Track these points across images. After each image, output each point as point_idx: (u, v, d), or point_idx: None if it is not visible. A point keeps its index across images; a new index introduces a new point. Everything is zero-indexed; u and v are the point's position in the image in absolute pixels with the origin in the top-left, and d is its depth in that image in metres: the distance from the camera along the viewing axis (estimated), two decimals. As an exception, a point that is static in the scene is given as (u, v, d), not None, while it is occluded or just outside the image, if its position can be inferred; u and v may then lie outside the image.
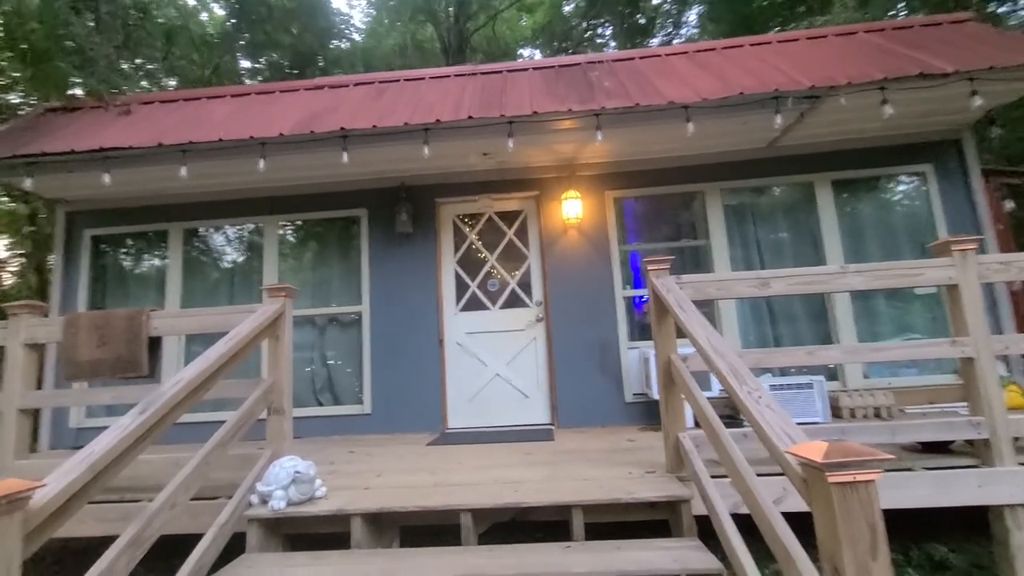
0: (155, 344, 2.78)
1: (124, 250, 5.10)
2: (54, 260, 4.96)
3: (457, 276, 4.85)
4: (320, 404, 4.75)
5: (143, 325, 2.69)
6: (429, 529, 2.46)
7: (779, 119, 3.76)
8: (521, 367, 4.67)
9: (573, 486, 2.41)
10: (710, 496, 2.10)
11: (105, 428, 1.73)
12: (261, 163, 3.95)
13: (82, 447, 1.64)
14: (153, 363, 2.72)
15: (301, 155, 4.13)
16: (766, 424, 1.44)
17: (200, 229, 5.05)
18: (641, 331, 4.68)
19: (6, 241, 8.34)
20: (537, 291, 4.77)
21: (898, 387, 4.16)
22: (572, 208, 4.59)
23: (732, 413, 3.61)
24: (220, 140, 3.92)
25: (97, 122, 4.53)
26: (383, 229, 4.82)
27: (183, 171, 3.98)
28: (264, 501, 2.30)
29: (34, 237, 7.55)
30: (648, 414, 4.42)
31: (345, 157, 3.90)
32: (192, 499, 2.49)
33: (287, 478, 2.27)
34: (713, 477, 2.21)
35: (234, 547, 2.25)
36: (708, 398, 2.28)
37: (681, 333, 2.31)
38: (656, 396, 4.12)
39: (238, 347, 2.24)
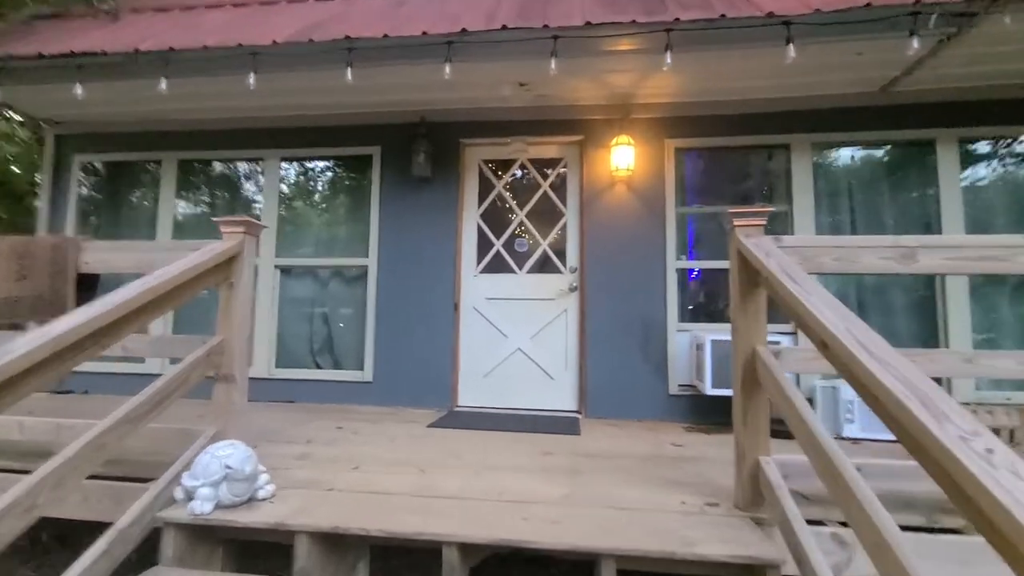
0: (89, 283, 2.21)
1: (116, 180, 4.60)
2: (40, 188, 4.52)
3: (480, 232, 4.15)
4: (318, 367, 4.22)
5: (70, 257, 2.12)
6: (408, 548, 1.85)
7: (915, 43, 2.81)
8: (547, 343, 3.98)
9: (602, 518, 1.74)
10: (810, 560, 1.39)
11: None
12: (252, 78, 3.29)
13: None
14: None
15: (301, 73, 3.44)
16: None
17: (196, 162, 4.49)
18: (694, 311, 3.89)
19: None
20: (572, 255, 4.02)
21: (1018, 404, 3.28)
22: (623, 157, 3.77)
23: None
24: (205, 48, 3.28)
25: (79, 28, 3.96)
26: (398, 172, 4.14)
27: (163, 84, 3.37)
28: (190, 498, 1.72)
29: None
30: (696, 410, 3.68)
31: (350, 75, 3.19)
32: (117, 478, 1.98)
33: (217, 472, 1.68)
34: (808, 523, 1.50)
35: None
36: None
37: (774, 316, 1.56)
38: (709, 391, 3.38)
39: (157, 293, 1.63)
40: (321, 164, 4.37)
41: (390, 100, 3.96)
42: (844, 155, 3.86)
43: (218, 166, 4.49)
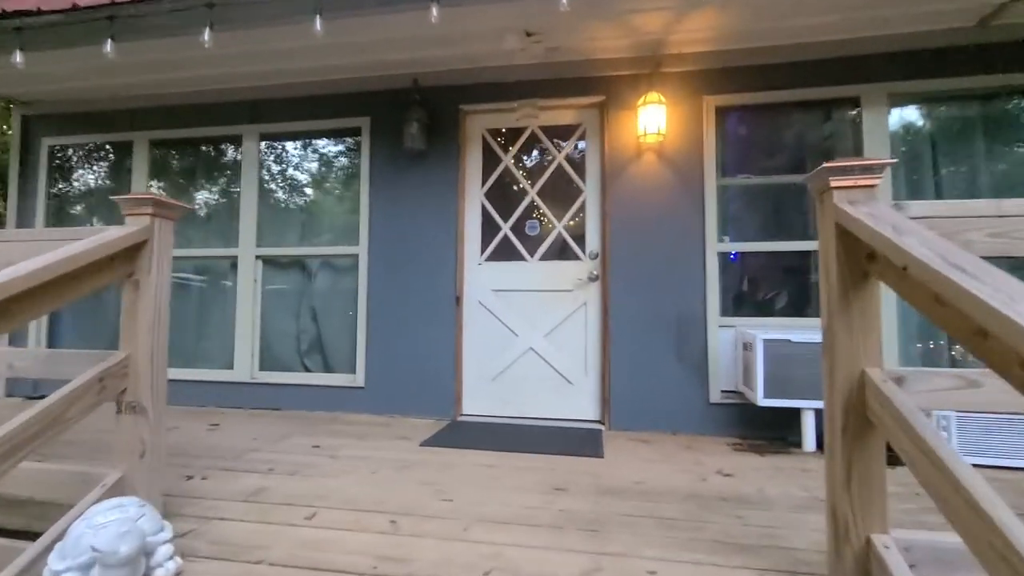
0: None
1: (88, 165, 4.19)
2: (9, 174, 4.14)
3: (485, 214, 3.59)
4: (307, 369, 3.76)
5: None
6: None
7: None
8: (564, 341, 3.42)
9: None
10: None
11: None
12: (207, 34, 2.77)
13: None
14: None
15: (266, 30, 2.91)
16: None
17: (170, 142, 4.03)
18: (739, 302, 3.26)
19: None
20: (593, 239, 3.43)
21: None
22: (652, 119, 3.13)
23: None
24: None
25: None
26: (389, 145, 3.59)
27: (109, 47, 2.88)
28: (59, 583, 1.23)
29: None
30: (743, 422, 3.08)
31: (319, 25, 2.64)
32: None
33: (85, 553, 1.19)
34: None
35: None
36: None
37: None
38: (761, 400, 2.77)
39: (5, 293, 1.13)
40: (304, 140, 3.85)
41: (377, 61, 3.40)
42: (929, 109, 3.13)
43: (195, 146, 4.02)
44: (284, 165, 3.89)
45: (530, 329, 3.46)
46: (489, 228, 3.58)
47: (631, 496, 2.01)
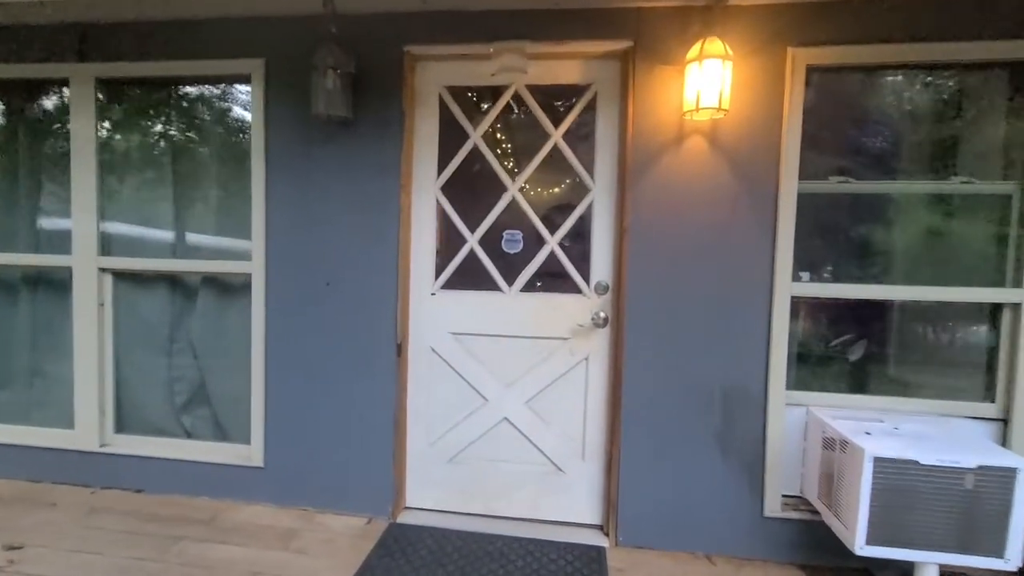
0: None
1: None
2: None
3: (442, 217, 2.40)
4: (187, 434, 2.63)
5: None
6: None
7: None
8: (554, 411, 2.35)
9: None
10: None
11: None
12: None
13: None
14: None
15: None
16: None
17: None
18: (817, 368, 2.22)
19: None
20: (601, 264, 2.29)
21: None
22: (711, 84, 1.93)
23: None
24: None
25: None
26: (296, 105, 2.32)
27: None
28: None
29: None
30: (810, 543, 2.11)
31: None
32: None
33: None
34: None
35: None
36: None
37: None
38: (860, 547, 1.76)
39: None
40: (166, 92, 2.53)
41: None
42: None
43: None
44: (137, 133, 2.57)
45: (505, 391, 2.36)
46: (449, 240, 2.41)
47: None
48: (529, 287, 2.35)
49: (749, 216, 2.11)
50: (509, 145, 2.38)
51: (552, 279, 2.35)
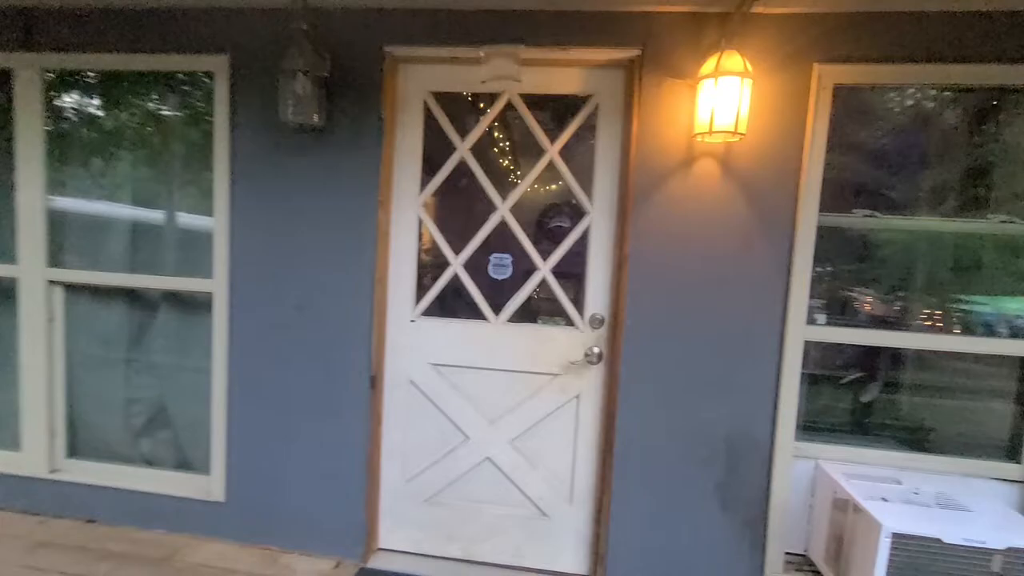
0: None
1: None
2: None
3: (424, 237, 2.19)
4: (145, 460, 2.44)
5: None
6: None
7: None
8: (541, 452, 2.17)
9: None
10: None
11: None
12: None
13: None
14: None
15: None
16: None
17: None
18: (826, 416, 2.04)
19: None
20: (597, 295, 2.09)
21: None
22: (727, 101, 1.71)
23: None
24: None
25: None
26: (265, 108, 2.09)
27: None
28: None
29: None
30: (817, 620, 1.94)
31: None
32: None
33: None
34: None
35: None
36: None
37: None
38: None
39: None
40: (121, 87, 2.29)
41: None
42: None
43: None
44: (90, 131, 2.33)
45: (488, 428, 2.17)
46: (431, 263, 2.20)
47: None
48: (517, 317, 2.15)
49: (762, 249, 1.91)
50: (500, 160, 2.16)
51: (543, 309, 2.15)
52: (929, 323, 1.94)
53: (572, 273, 2.12)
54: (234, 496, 2.25)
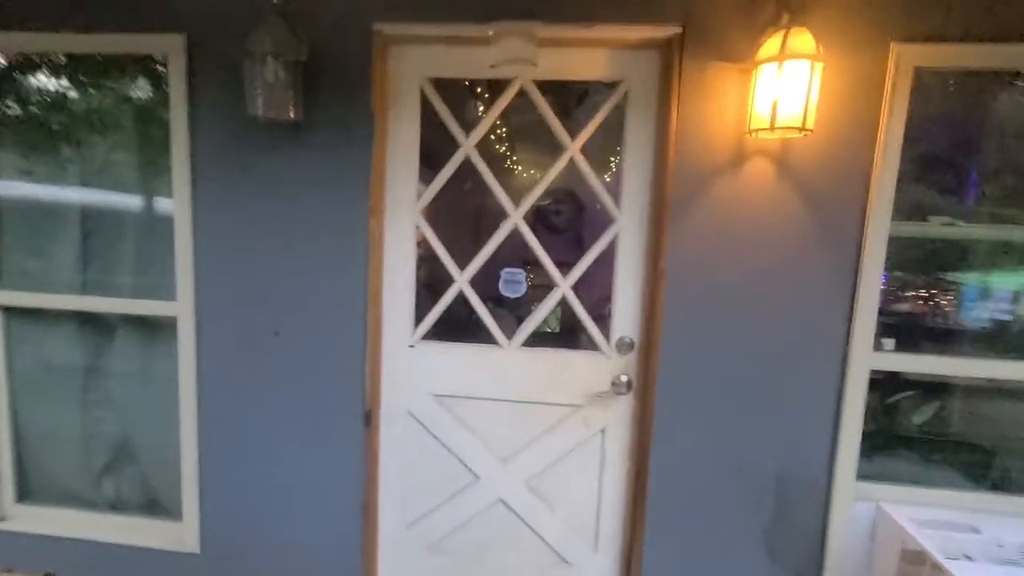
0: None
1: None
2: None
3: (424, 251, 1.88)
4: (108, 503, 2.14)
5: None
6: None
7: None
8: (561, 493, 1.90)
9: None
10: None
11: None
12: None
13: None
14: None
15: None
16: None
17: None
18: (887, 451, 1.79)
19: None
20: (626, 315, 1.80)
21: None
22: (791, 90, 1.41)
23: None
24: None
25: None
26: (229, 100, 1.75)
27: None
28: None
29: None
30: None
31: None
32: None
33: None
34: None
35: None
36: None
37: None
38: None
39: None
40: (65, 70, 1.93)
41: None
42: None
43: None
44: (38, 122, 1.98)
45: (500, 467, 1.90)
46: (432, 281, 1.89)
47: None
48: (533, 341, 1.86)
49: (822, 264, 1.63)
50: (512, 158, 1.84)
51: (563, 332, 1.86)
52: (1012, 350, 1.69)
53: (596, 290, 1.83)
54: (210, 546, 1.97)
